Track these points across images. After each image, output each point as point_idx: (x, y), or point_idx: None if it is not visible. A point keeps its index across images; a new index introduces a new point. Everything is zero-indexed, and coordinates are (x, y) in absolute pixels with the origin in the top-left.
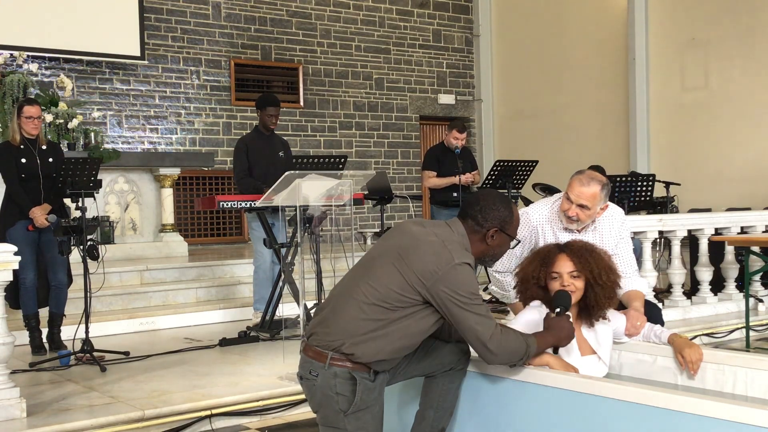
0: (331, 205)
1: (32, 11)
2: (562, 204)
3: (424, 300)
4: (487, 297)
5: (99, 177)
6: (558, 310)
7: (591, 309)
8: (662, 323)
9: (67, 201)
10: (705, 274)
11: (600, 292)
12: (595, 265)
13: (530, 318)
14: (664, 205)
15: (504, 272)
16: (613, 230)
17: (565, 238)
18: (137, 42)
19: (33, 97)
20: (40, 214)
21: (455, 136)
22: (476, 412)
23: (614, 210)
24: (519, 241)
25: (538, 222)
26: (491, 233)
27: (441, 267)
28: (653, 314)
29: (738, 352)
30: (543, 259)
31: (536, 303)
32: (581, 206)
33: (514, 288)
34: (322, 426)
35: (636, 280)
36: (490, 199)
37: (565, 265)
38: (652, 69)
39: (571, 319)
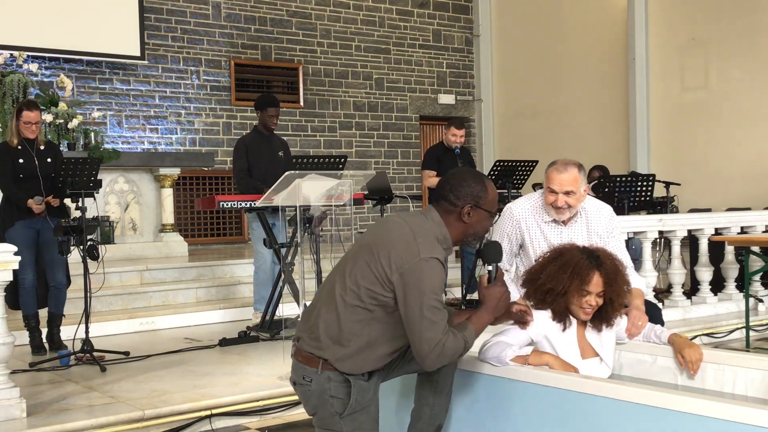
0: (331, 205)
1: (32, 11)
2: (546, 198)
3: (395, 296)
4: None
5: (99, 177)
6: (490, 268)
7: (602, 319)
8: (662, 323)
9: (67, 201)
10: (705, 274)
11: (617, 308)
12: (618, 288)
13: (526, 337)
14: (664, 205)
15: None
16: (601, 223)
17: (550, 230)
18: (137, 42)
19: (33, 97)
20: (32, 201)
21: (454, 132)
22: (476, 412)
23: (602, 205)
24: (499, 213)
25: (521, 215)
26: (466, 210)
27: (407, 261)
28: (653, 314)
29: (738, 352)
30: (579, 274)
31: (542, 313)
32: (567, 193)
33: (532, 295)
34: (318, 429)
35: (634, 278)
36: (459, 177)
37: (597, 286)
38: (652, 69)
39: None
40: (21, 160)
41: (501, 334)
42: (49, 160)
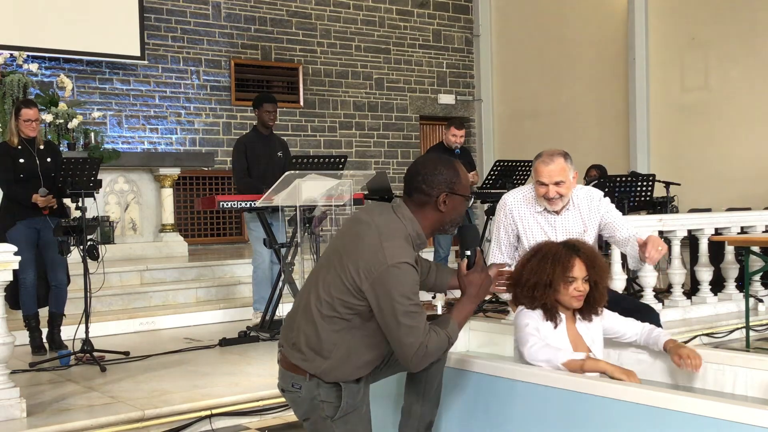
0: (331, 205)
1: (32, 11)
2: (537, 191)
3: (369, 304)
4: (488, 296)
5: (99, 177)
6: (468, 253)
7: (590, 307)
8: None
9: (67, 201)
10: (705, 274)
11: (603, 292)
12: (600, 270)
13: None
14: (664, 205)
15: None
16: (592, 208)
17: (543, 220)
18: (137, 42)
19: (32, 97)
20: (37, 196)
21: (454, 132)
22: (473, 411)
23: (591, 190)
24: (473, 197)
25: (513, 205)
26: (442, 199)
27: (375, 269)
28: (651, 319)
29: (738, 352)
30: (560, 262)
31: (534, 313)
32: (557, 183)
33: (521, 296)
34: None
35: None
36: (430, 166)
37: (581, 271)
38: (652, 69)
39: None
40: (21, 160)
41: (526, 337)
42: (49, 159)
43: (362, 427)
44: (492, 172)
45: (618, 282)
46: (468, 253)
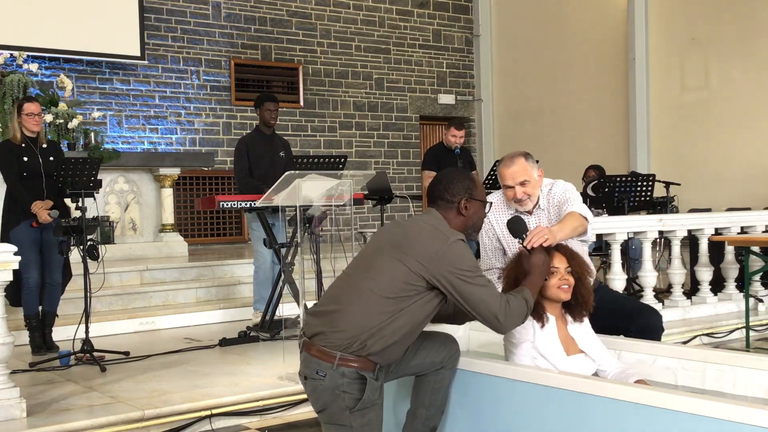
0: (331, 205)
1: (32, 11)
2: (506, 195)
3: (428, 285)
4: None
5: (99, 177)
6: (520, 241)
7: (579, 305)
8: (662, 329)
9: (67, 201)
10: (705, 274)
11: (589, 287)
12: (581, 262)
13: (528, 350)
14: (664, 205)
15: (489, 270)
16: (550, 200)
17: None
18: (137, 42)
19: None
20: (40, 207)
21: (453, 133)
22: (470, 411)
23: (552, 184)
24: (491, 204)
25: (489, 209)
26: (463, 204)
27: (439, 248)
28: (653, 320)
29: (738, 352)
30: None
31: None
32: (522, 183)
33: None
34: (326, 424)
35: (582, 207)
36: (449, 176)
37: (561, 261)
38: (652, 69)
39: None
40: (25, 158)
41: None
42: (51, 158)
43: (376, 423)
44: (492, 172)
45: (618, 282)
46: (520, 241)
